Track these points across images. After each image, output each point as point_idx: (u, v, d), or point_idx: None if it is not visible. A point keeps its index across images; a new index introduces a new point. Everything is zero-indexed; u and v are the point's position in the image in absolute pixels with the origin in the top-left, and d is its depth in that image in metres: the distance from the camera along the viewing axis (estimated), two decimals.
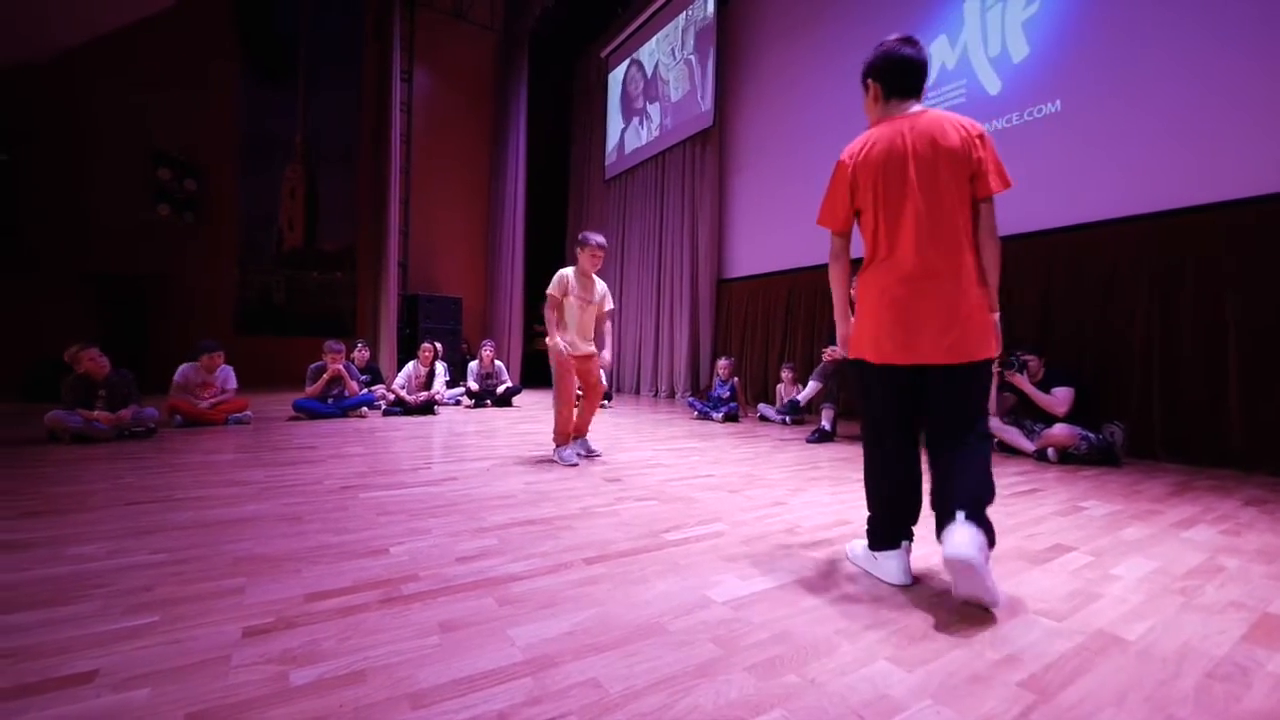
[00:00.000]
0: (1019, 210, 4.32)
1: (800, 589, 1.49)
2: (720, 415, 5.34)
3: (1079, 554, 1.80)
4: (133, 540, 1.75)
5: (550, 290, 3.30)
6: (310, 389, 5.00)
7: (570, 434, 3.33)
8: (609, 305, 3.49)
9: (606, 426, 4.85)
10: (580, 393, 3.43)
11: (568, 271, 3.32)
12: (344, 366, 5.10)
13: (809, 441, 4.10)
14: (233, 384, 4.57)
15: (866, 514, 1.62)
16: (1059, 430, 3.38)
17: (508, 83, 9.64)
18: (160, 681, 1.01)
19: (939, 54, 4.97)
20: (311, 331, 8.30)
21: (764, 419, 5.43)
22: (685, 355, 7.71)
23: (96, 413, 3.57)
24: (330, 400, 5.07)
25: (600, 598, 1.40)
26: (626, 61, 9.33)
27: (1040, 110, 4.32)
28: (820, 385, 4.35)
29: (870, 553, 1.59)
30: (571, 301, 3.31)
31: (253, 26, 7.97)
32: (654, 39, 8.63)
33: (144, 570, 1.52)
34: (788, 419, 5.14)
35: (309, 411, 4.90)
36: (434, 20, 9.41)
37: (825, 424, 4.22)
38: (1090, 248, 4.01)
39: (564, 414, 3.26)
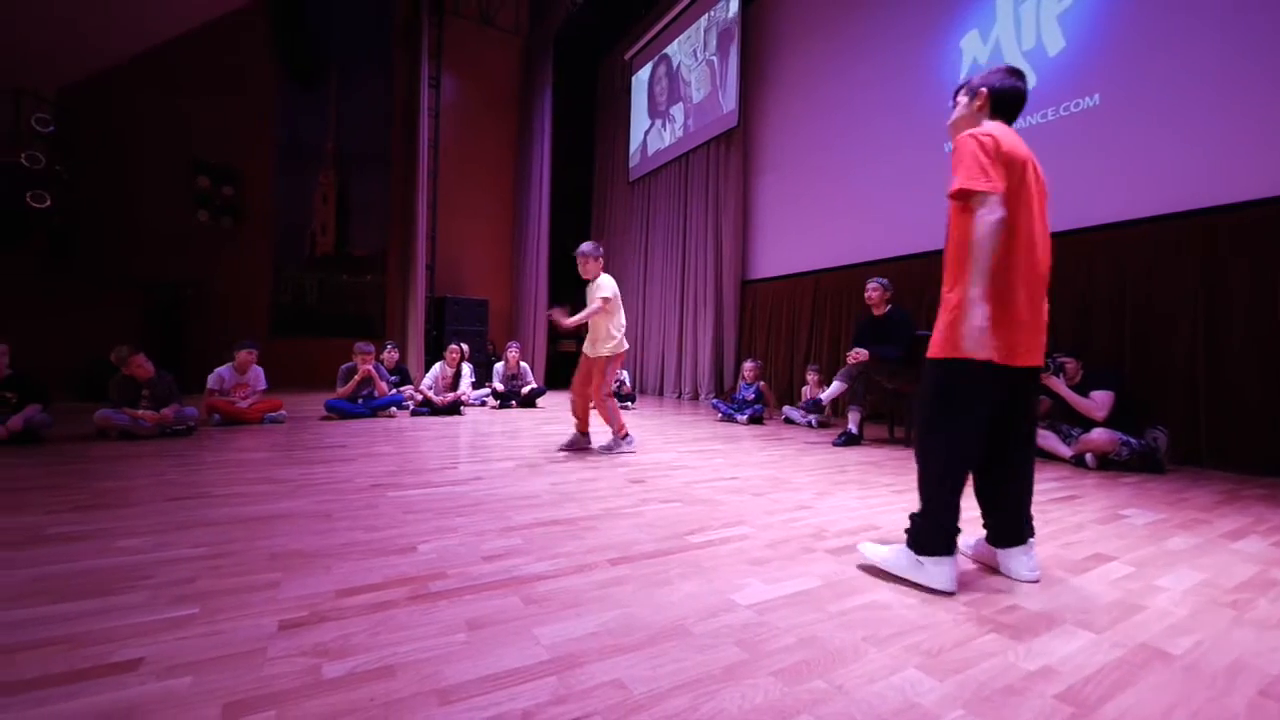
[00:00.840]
0: (1056, 208, 4.18)
1: (827, 594, 1.46)
2: (745, 417, 5.30)
3: (1120, 564, 1.74)
4: (174, 534, 1.82)
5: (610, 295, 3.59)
6: (341, 390, 5.13)
7: (621, 424, 3.64)
8: (594, 299, 3.60)
9: (629, 428, 4.85)
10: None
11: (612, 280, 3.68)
12: (374, 368, 5.22)
13: (836, 445, 4.04)
14: (262, 384, 4.71)
15: (917, 517, 1.55)
16: (1098, 435, 3.26)
17: (532, 86, 9.74)
18: (201, 671, 1.05)
19: (970, 49, 4.86)
20: (343, 333, 8.51)
21: (789, 422, 5.37)
22: (709, 357, 7.67)
23: (141, 411, 3.72)
24: (361, 400, 5.19)
25: (624, 599, 1.41)
26: (650, 63, 9.35)
27: (1078, 105, 4.19)
28: (845, 386, 4.28)
29: (916, 558, 1.52)
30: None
31: (288, 37, 8.21)
32: (677, 40, 8.63)
33: (185, 563, 1.58)
34: (813, 421, 5.07)
35: (340, 411, 5.02)
36: (461, 27, 9.57)
37: (852, 427, 4.15)
38: (1131, 246, 3.87)
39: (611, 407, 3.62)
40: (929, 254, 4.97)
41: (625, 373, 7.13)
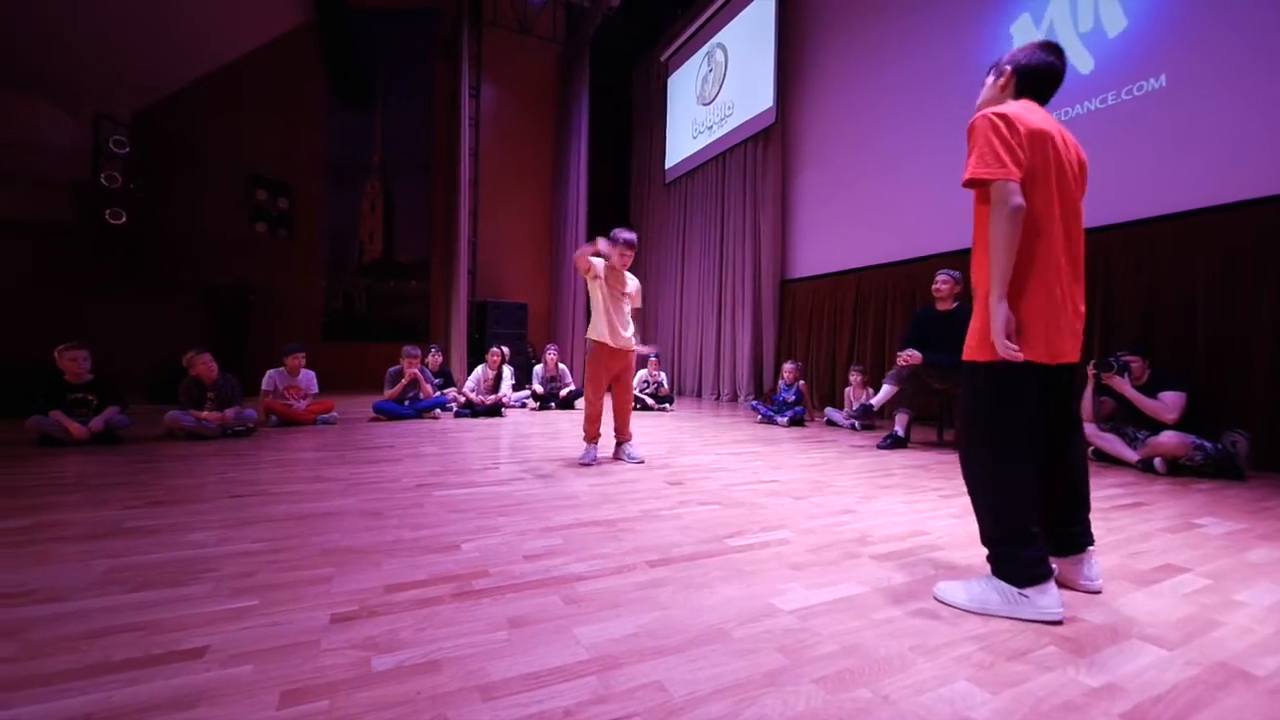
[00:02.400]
0: (1117, 197, 3.97)
1: (872, 601, 1.42)
2: (785, 419, 5.22)
3: (1193, 576, 1.62)
4: (237, 530, 1.92)
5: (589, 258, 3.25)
6: (389, 392, 5.31)
7: (596, 432, 3.33)
8: (638, 302, 3.40)
9: (667, 430, 4.85)
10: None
11: (599, 261, 3.29)
12: (419, 371, 5.38)
13: (880, 448, 3.92)
14: (314, 389, 4.91)
15: (998, 546, 1.39)
16: (1168, 438, 3.06)
17: (569, 92, 9.87)
18: (260, 660, 1.10)
19: (1022, 34, 4.65)
20: (390, 337, 8.82)
21: (831, 424, 5.26)
22: (748, 358, 7.58)
23: (205, 413, 3.95)
24: (407, 402, 5.36)
25: (663, 601, 1.40)
26: (685, 63, 9.33)
27: (1141, 87, 3.95)
28: (895, 389, 4.13)
29: (1018, 592, 1.34)
30: (601, 289, 3.25)
31: (337, 55, 8.57)
32: (713, 39, 8.58)
33: (246, 557, 1.66)
34: (857, 424, 4.94)
35: (387, 413, 5.20)
36: (500, 37, 9.79)
37: (899, 430, 4.03)
38: (1202, 236, 3.62)
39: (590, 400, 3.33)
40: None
41: (664, 374, 7.13)
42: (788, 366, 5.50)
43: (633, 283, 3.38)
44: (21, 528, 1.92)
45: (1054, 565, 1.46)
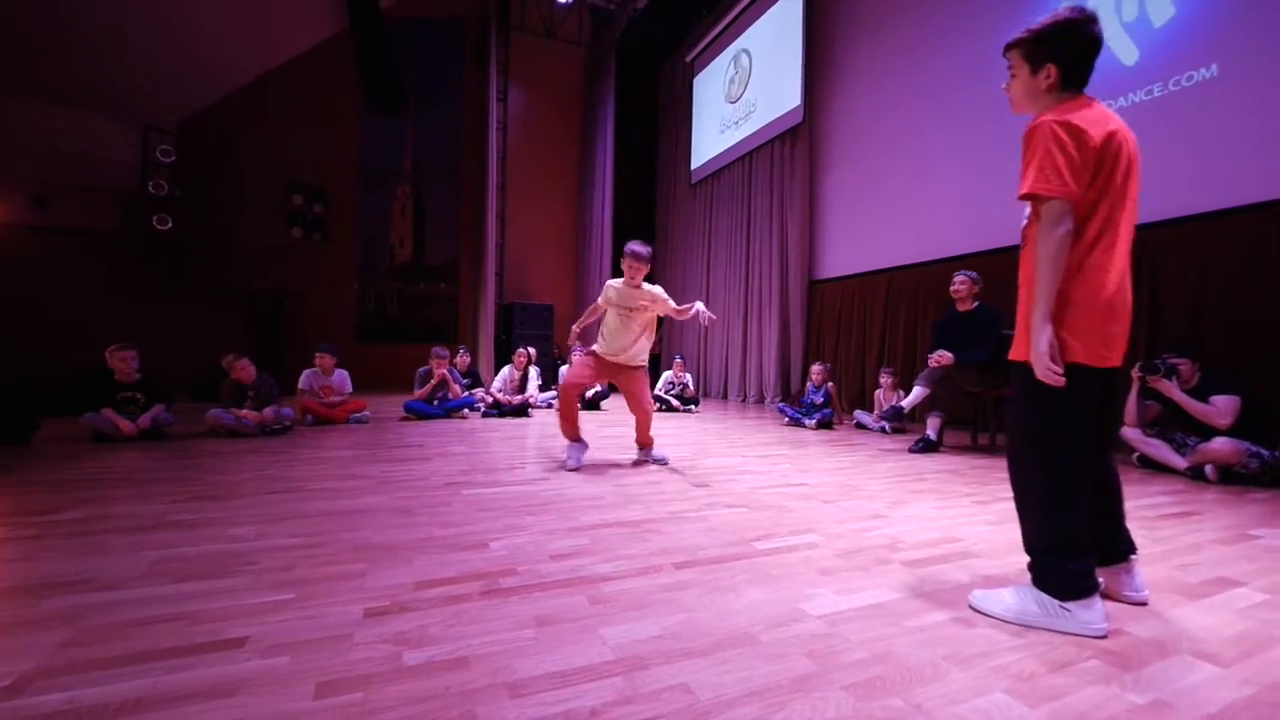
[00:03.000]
0: (1164, 192, 3.81)
1: (903, 607, 1.39)
2: (813, 422, 5.15)
3: (1249, 590, 1.54)
4: (274, 525, 1.99)
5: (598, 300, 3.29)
6: (419, 392, 5.42)
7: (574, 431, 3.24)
8: (667, 308, 3.16)
9: (693, 432, 4.83)
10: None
11: (615, 280, 3.24)
12: (448, 371, 5.48)
13: (912, 451, 3.83)
14: (348, 388, 5.04)
15: (1042, 555, 1.33)
16: (1221, 444, 2.91)
17: (595, 94, 9.93)
18: (297, 652, 1.14)
19: None
20: (420, 338, 8.99)
21: (861, 427, 5.16)
22: (774, 359, 7.50)
23: (245, 411, 4.09)
24: (436, 402, 5.46)
25: (689, 603, 1.40)
26: (711, 63, 9.30)
27: (1191, 78, 3.78)
28: (927, 391, 4.03)
29: (1060, 605, 1.28)
30: (611, 313, 3.22)
31: (370, 63, 8.80)
32: (739, 38, 8.53)
33: (284, 552, 1.71)
34: (887, 427, 4.84)
35: (417, 413, 5.30)
36: (527, 41, 9.91)
37: (931, 433, 3.93)
38: (1257, 231, 3.44)
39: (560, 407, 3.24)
40: (1013, 249, 4.63)
41: (689, 375, 7.10)
42: (816, 368, 5.42)
43: (644, 296, 3.17)
44: (78, 519, 2.02)
45: (1100, 579, 1.39)
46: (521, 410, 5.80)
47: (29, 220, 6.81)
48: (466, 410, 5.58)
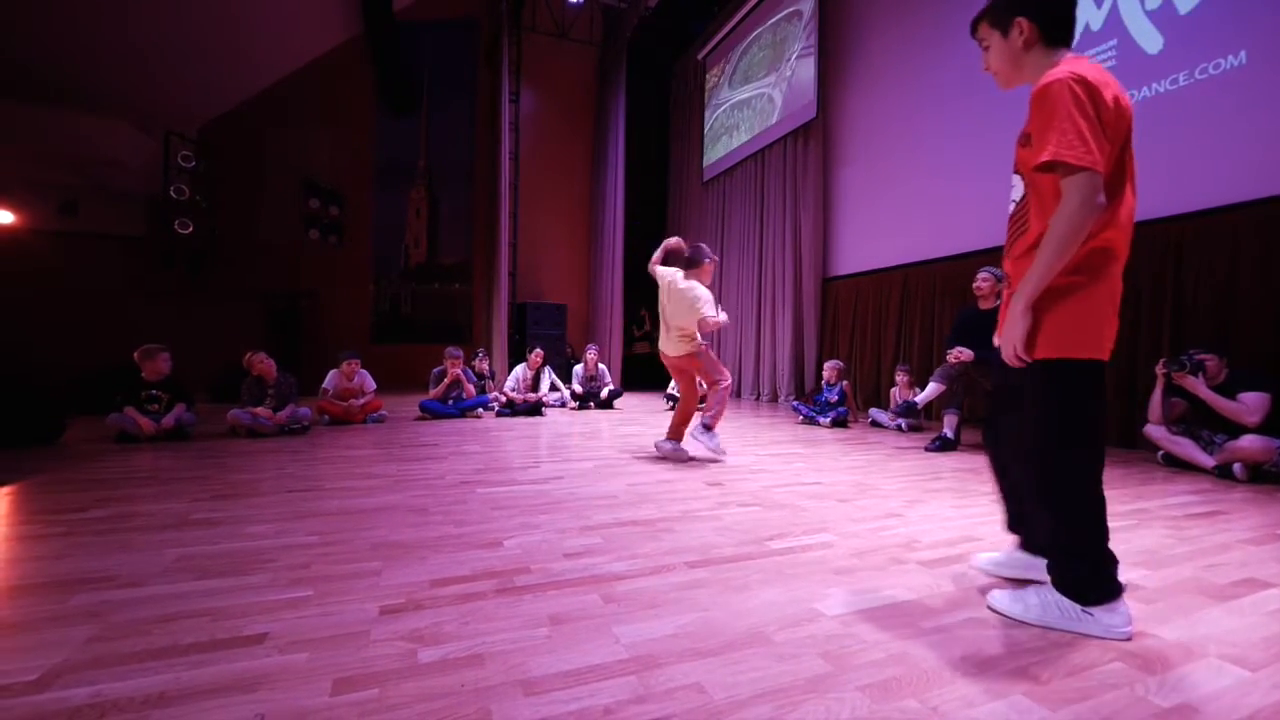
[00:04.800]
0: (1189, 184, 3.72)
1: (919, 608, 1.37)
2: (828, 420, 5.10)
3: None
4: (293, 523, 2.02)
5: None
6: (433, 391, 5.48)
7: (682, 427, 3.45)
8: (680, 288, 3.35)
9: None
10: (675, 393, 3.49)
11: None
12: (461, 371, 5.52)
13: (928, 450, 3.79)
14: (371, 385, 5.11)
15: (1076, 563, 1.27)
16: (1250, 442, 2.84)
17: (607, 93, 9.93)
18: (315, 648, 1.15)
19: (1082, 14, 4.40)
20: (434, 339, 9.07)
21: (876, 425, 5.11)
22: (788, 357, 7.45)
23: (262, 410, 4.16)
24: (451, 402, 5.51)
25: (703, 602, 1.39)
26: (723, 61, 9.25)
27: (1219, 65, 3.68)
28: (943, 387, 3.97)
29: (1082, 610, 1.24)
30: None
31: (385, 66, 8.89)
32: (752, 34, 8.47)
33: (302, 550, 1.74)
34: (903, 425, 4.79)
35: (432, 412, 5.35)
36: (539, 42, 9.93)
37: (948, 431, 3.88)
38: None
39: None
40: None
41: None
42: (829, 366, 5.37)
43: (663, 279, 3.43)
44: (104, 517, 2.07)
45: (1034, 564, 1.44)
46: (535, 409, 5.83)
47: (57, 226, 7.00)
48: (481, 409, 5.63)
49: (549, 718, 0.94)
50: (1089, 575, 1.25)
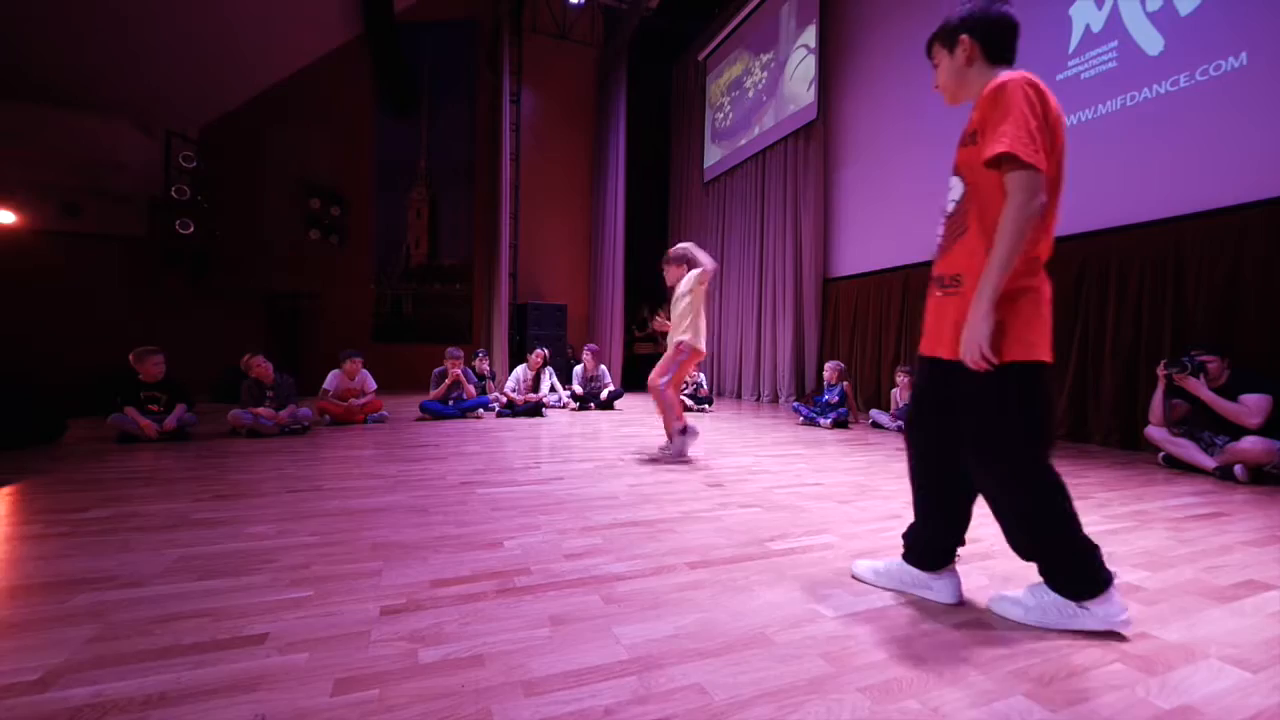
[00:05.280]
0: (1190, 185, 3.72)
1: (920, 609, 1.37)
2: (828, 421, 5.10)
3: None
4: (293, 523, 2.02)
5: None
6: (434, 392, 5.48)
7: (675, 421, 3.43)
8: (684, 288, 3.44)
9: (707, 431, 4.81)
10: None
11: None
12: (462, 372, 5.52)
13: None
14: (372, 385, 5.11)
15: (1064, 560, 1.27)
16: (1251, 444, 2.84)
17: (607, 94, 9.93)
18: (315, 648, 1.15)
19: (1082, 16, 4.41)
20: (436, 339, 9.07)
21: (877, 426, 5.11)
22: (789, 358, 7.45)
23: (263, 410, 4.16)
24: (451, 402, 5.51)
25: (703, 603, 1.39)
26: (723, 61, 9.25)
27: (1219, 67, 3.68)
28: None
29: (1080, 607, 1.24)
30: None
31: (385, 67, 8.89)
32: (752, 35, 8.48)
33: (302, 550, 1.74)
34: (903, 427, 4.78)
35: (433, 413, 5.35)
36: (539, 43, 9.94)
37: None
38: None
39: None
40: None
41: (702, 375, 7.08)
42: (830, 366, 5.37)
43: (683, 285, 3.45)
44: (105, 517, 2.07)
45: (926, 581, 1.43)
46: (536, 410, 5.83)
47: (58, 227, 7.00)
48: (481, 410, 5.63)
49: (549, 718, 0.94)
50: (1078, 568, 1.25)
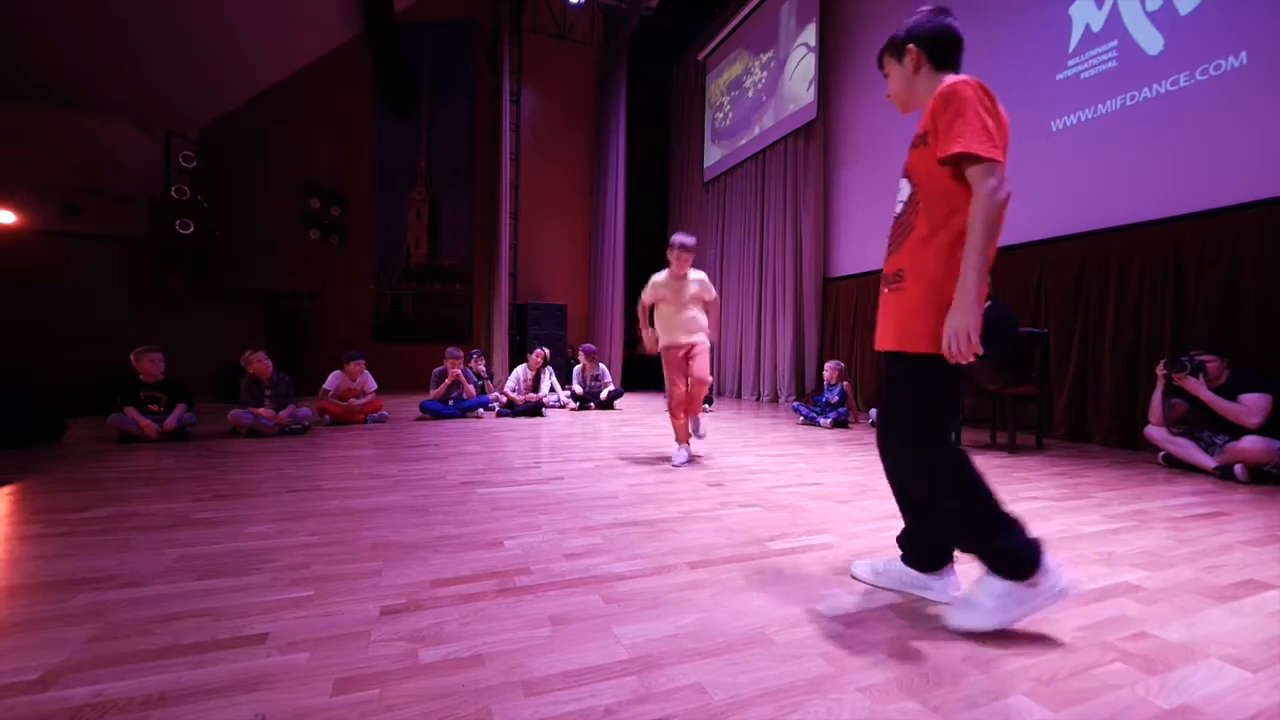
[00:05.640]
0: (1189, 185, 3.72)
1: (919, 609, 1.37)
2: (828, 421, 5.10)
3: None
4: (293, 523, 2.02)
5: (642, 294, 3.44)
6: (434, 392, 5.48)
7: (685, 432, 3.37)
8: (710, 295, 3.37)
9: (707, 431, 4.81)
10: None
11: (660, 275, 3.36)
12: (460, 371, 5.53)
13: None
14: (372, 385, 5.11)
15: (984, 548, 1.25)
16: (1251, 443, 2.83)
17: (607, 94, 9.93)
18: (316, 648, 1.15)
19: (1082, 16, 4.41)
20: (436, 339, 9.08)
21: (877, 426, 5.10)
22: (789, 358, 7.45)
23: (263, 410, 4.16)
24: (451, 402, 5.51)
25: (703, 603, 1.39)
26: (723, 61, 9.25)
27: (1219, 66, 3.68)
28: None
29: (1029, 586, 1.20)
30: (662, 308, 3.38)
31: (385, 67, 8.89)
32: (753, 34, 8.48)
33: (302, 550, 1.74)
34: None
35: (433, 412, 5.36)
36: (539, 43, 9.94)
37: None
38: None
39: (670, 408, 3.36)
40: (1033, 244, 4.56)
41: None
42: (830, 366, 5.37)
43: (691, 286, 3.33)
44: (105, 517, 2.07)
45: (925, 583, 1.44)
46: (536, 410, 5.83)
47: (58, 226, 7.00)
48: (481, 410, 5.63)
49: (549, 718, 0.94)
50: (1018, 549, 1.21)
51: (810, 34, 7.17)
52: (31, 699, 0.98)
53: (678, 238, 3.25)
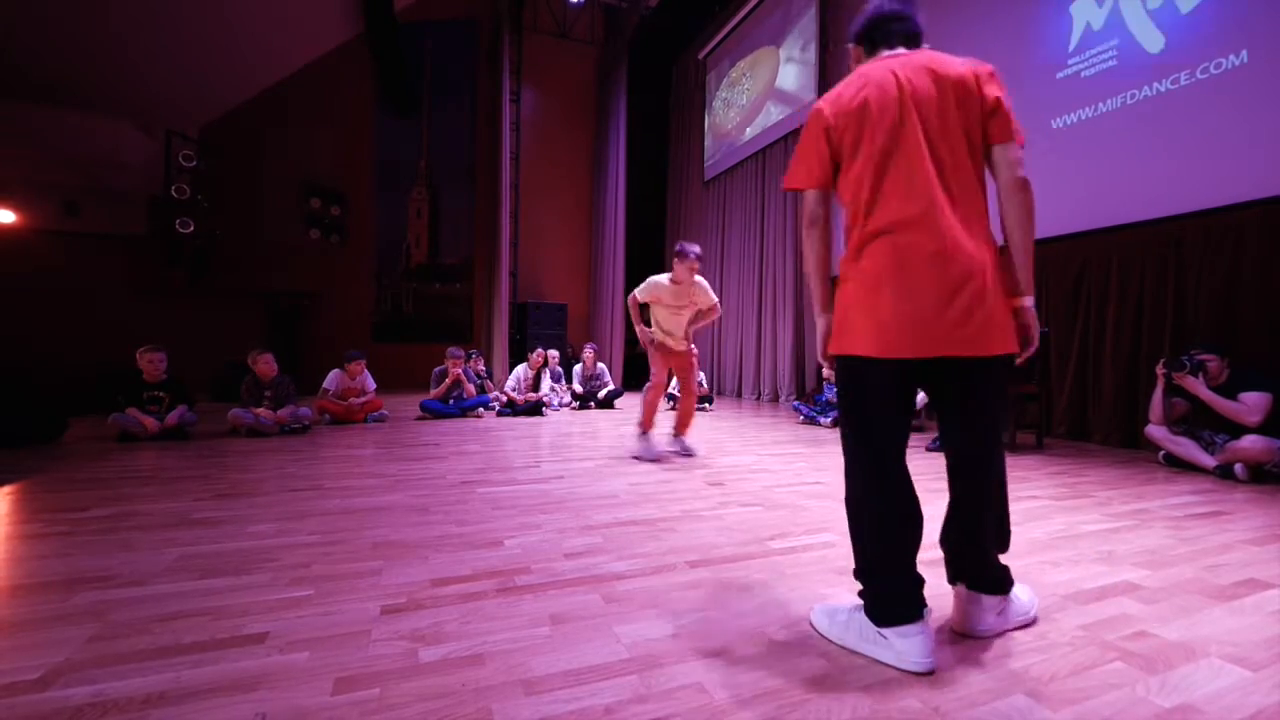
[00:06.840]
0: (1191, 183, 3.71)
1: None
2: (829, 420, 5.10)
3: None
4: (294, 522, 2.02)
5: (635, 291, 3.45)
6: (434, 391, 5.48)
7: (652, 419, 3.45)
8: (710, 301, 3.38)
9: (707, 430, 4.81)
10: (676, 393, 3.54)
11: (661, 279, 3.38)
12: (461, 371, 5.53)
13: (929, 450, 3.79)
14: (371, 385, 5.12)
15: (859, 578, 1.21)
16: (1251, 442, 2.83)
17: (608, 93, 9.92)
18: (316, 647, 1.15)
19: (1083, 14, 4.40)
20: (436, 338, 9.07)
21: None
22: (789, 357, 7.45)
23: (262, 410, 4.16)
24: (452, 401, 5.51)
25: (703, 602, 1.39)
26: (724, 60, 9.25)
27: (1220, 65, 3.67)
28: None
29: (877, 631, 1.12)
30: (659, 310, 3.42)
31: (385, 66, 8.89)
32: (752, 33, 8.47)
33: (303, 549, 1.74)
34: None
35: (433, 412, 5.36)
36: (540, 42, 9.93)
37: None
38: None
39: (649, 400, 3.48)
40: (1045, 241, 4.55)
41: (702, 373, 7.08)
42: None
43: (697, 293, 3.35)
44: (106, 516, 2.07)
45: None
46: (536, 409, 5.83)
47: (58, 226, 7.00)
48: (481, 409, 5.63)
49: (550, 717, 0.94)
50: (881, 590, 1.16)
51: (810, 32, 7.16)
52: (32, 698, 0.98)
53: (692, 248, 3.26)
